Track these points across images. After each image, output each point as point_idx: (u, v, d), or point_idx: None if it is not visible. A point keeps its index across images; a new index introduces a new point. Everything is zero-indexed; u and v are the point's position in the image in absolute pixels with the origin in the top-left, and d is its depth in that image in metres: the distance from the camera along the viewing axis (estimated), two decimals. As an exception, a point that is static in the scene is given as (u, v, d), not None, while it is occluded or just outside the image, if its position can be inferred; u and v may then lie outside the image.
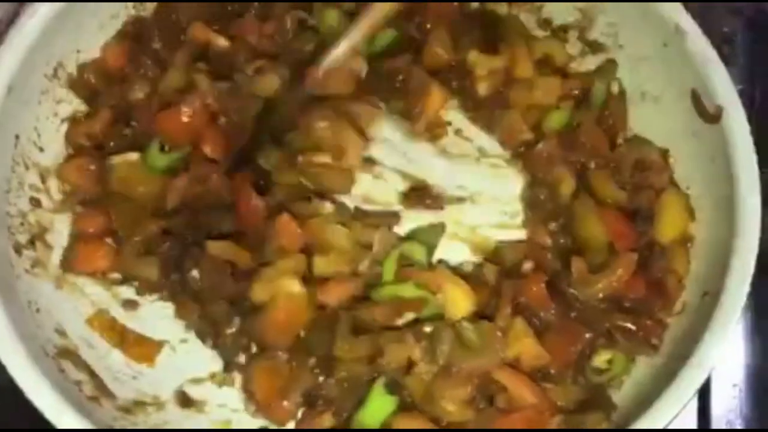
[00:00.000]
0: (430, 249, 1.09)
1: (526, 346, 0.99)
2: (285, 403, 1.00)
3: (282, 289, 1.01)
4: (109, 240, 1.08)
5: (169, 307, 1.08)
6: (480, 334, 0.99)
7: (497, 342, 0.99)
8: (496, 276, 1.05)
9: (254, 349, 1.05)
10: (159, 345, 1.06)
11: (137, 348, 1.05)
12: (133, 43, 1.14)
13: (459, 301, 1.02)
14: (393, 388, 0.98)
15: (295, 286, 1.01)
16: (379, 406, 0.98)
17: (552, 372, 1.01)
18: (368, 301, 1.03)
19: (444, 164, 1.16)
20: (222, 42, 1.13)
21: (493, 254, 1.10)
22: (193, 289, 1.05)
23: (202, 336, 1.06)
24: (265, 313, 1.01)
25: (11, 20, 1.02)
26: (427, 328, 1.00)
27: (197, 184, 1.07)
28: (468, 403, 0.98)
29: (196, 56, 1.13)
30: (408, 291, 1.02)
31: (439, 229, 1.11)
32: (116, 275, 1.08)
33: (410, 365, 0.99)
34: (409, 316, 1.03)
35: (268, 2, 1.16)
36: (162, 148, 1.08)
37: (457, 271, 1.08)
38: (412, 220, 1.12)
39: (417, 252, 1.06)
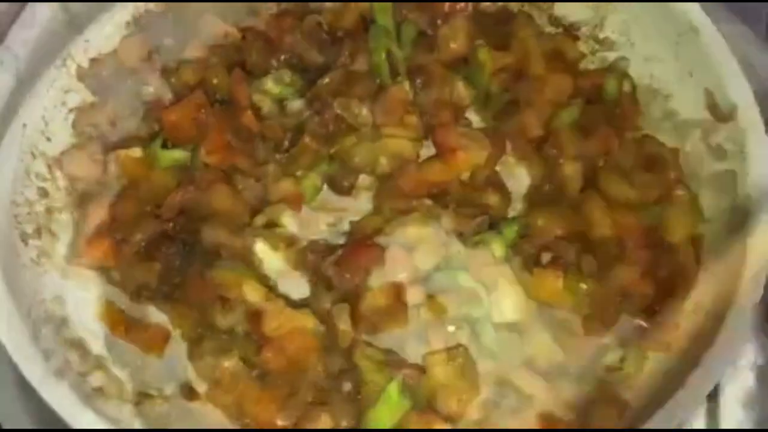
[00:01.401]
0: (508, 243, 1.05)
1: (541, 344, 0.99)
2: (279, 422, 0.98)
3: (296, 323, 0.98)
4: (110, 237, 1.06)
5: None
6: (501, 339, 0.97)
7: (517, 347, 0.97)
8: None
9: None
10: (167, 335, 1.05)
11: (145, 338, 1.03)
12: (147, 37, 1.13)
13: (508, 306, 0.99)
14: (407, 390, 0.95)
15: (309, 321, 0.99)
16: (391, 408, 0.95)
17: (565, 370, 1.00)
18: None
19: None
20: (235, 33, 1.12)
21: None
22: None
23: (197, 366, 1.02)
24: (275, 347, 0.98)
25: (13, 18, 1.02)
26: (450, 328, 0.97)
27: (194, 191, 1.05)
28: (484, 404, 0.96)
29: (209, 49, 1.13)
30: (463, 279, 1.00)
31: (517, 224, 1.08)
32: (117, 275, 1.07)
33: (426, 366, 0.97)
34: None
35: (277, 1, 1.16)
36: (165, 146, 1.07)
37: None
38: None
39: (496, 244, 1.04)
